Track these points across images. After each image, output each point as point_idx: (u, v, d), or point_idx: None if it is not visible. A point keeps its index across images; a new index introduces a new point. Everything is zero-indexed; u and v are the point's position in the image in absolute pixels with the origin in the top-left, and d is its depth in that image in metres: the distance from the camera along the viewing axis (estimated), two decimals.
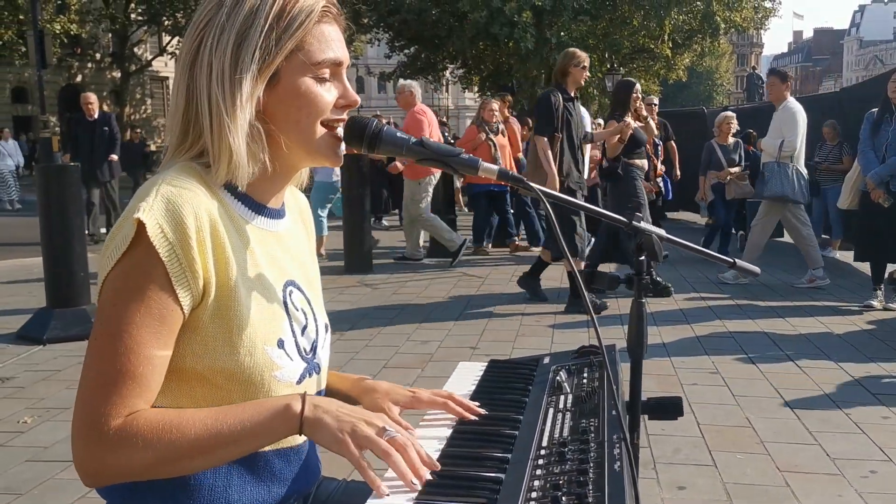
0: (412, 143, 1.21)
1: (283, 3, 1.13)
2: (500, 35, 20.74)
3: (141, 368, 1.04)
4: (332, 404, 1.11)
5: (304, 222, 1.41)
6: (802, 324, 5.77)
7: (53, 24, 27.32)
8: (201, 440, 1.05)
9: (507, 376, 1.57)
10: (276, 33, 1.12)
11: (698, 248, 1.50)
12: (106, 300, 1.06)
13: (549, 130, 6.04)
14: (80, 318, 5.49)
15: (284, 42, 1.13)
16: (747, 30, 28.65)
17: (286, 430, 1.09)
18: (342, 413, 1.10)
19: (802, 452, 3.38)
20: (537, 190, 1.22)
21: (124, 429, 1.03)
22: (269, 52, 1.12)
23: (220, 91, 1.11)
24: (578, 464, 1.08)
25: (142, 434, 1.03)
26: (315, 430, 1.08)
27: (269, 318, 1.16)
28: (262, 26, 1.11)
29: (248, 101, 1.12)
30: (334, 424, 1.08)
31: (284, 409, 1.09)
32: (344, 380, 1.46)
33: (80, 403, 1.05)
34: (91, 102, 10.39)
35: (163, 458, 1.04)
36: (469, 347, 5.14)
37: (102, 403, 1.03)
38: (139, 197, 1.07)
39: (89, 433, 1.03)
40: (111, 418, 1.03)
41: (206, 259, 1.07)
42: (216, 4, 1.14)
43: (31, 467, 3.29)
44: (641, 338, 1.46)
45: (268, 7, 1.12)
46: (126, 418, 1.04)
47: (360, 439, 1.07)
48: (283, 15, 1.13)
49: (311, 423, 1.08)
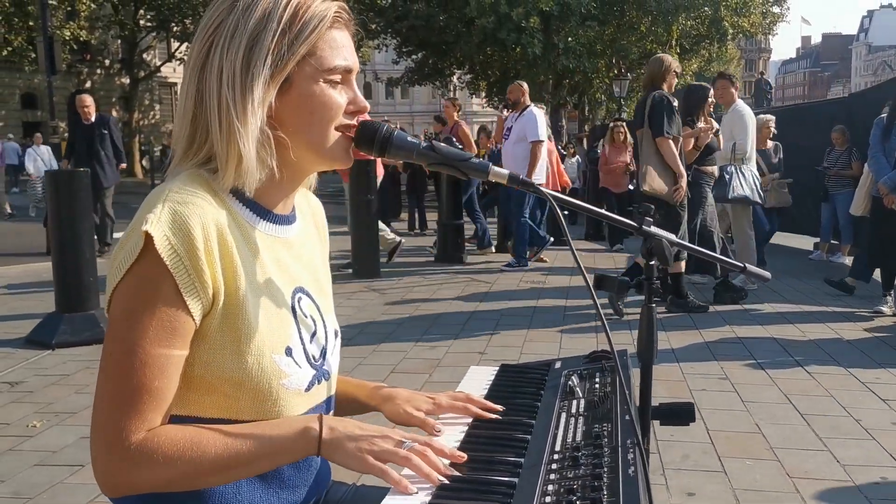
0: (422, 148, 1.21)
1: (296, 7, 1.13)
2: (507, 41, 20.80)
3: (157, 382, 1.05)
4: (349, 424, 1.12)
5: (318, 227, 1.40)
6: (812, 329, 5.75)
7: (63, 31, 27.49)
8: (221, 459, 1.06)
9: (519, 381, 1.56)
10: (288, 38, 1.11)
11: (706, 251, 1.50)
12: (117, 314, 1.06)
13: (674, 131, 6.19)
14: (89, 322, 5.50)
15: (297, 47, 1.12)
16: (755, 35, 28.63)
17: (304, 451, 1.11)
18: (358, 432, 1.11)
19: (812, 459, 3.36)
20: (547, 194, 1.22)
21: (146, 444, 1.04)
22: (282, 58, 1.11)
23: (231, 94, 1.10)
24: (592, 468, 1.08)
25: (163, 451, 1.04)
26: (333, 452, 1.10)
27: (277, 325, 1.15)
28: (274, 30, 1.11)
29: (260, 107, 1.11)
30: (352, 444, 1.09)
31: (303, 431, 1.10)
32: (361, 388, 1.45)
33: (98, 419, 1.05)
34: (87, 105, 9.76)
35: (183, 474, 1.05)
36: (477, 353, 5.13)
37: (122, 419, 1.03)
38: (146, 208, 1.06)
39: (111, 449, 1.04)
40: (132, 434, 1.03)
41: (214, 268, 1.07)
42: (227, 7, 1.13)
43: (40, 471, 3.30)
44: (652, 343, 1.46)
45: (280, 11, 1.12)
46: (147, 434, 1.04)
47: (380, 454, 1.09)
48: (296, 20, 1.12)
49: (329, 444, 1.10)
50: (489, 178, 1.21)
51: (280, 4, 1.12)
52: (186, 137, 1.15)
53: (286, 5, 1.12)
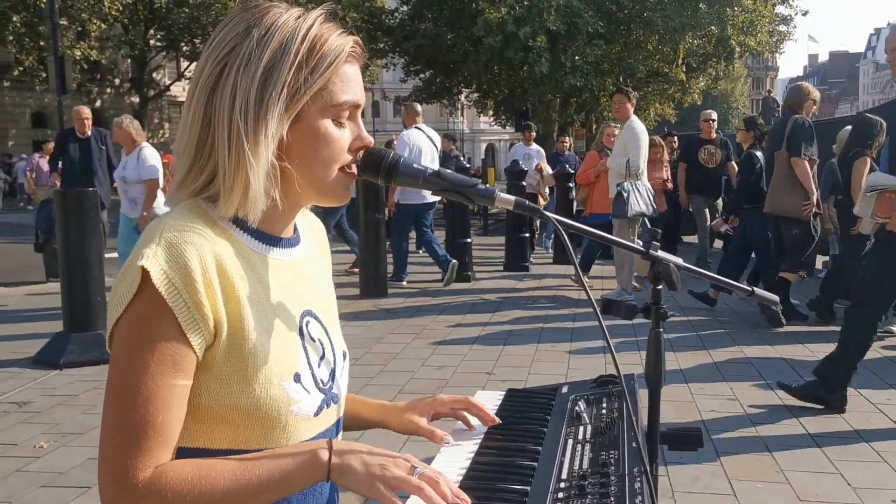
0: (428, 174, 1.21)
1: (314, 41, 1.11)
2: (514, 59, 20.86)
3: (161, 418, 1.04)
4: (359, 449, 1.11)
5: (320, 245, 1.39)
6: (821, 349, 5.69)
7: (74, 51, 27.73)
8: (230, 492, 1.05)
9: (525, 406, 1.55)
10: (304, 72, 1.10)
11: (715, 276, 1.49)
12: (118, 350, 1.05)
13: (810, 153, 6.47)
14: (96, 342, 5.52)
15: (312, 82, 1.11)
16: (762, 54, 28.63)
17: (314, 478, 1.09)
18: (369, 458, 1.09)
19: (823, 481, 3.33)
20: (552, 218, 1.22)
21: (153, 482, 1.03)
22: (298, 91, 1.10)
23: (244, 124, 1.08)
24: (599, 498, 1.06)
25: (172, 487, 1.03)
26: (343, 477, 1.08)
27: (284, 352, 1.15)
28: (291, 62, 1.09)
29: (273, 140, 1.10)
30: (363, 469, 1.08)
31: (311, 456, 1.09)
32: (367, 406, 1.47)
33: (105, 456, 1.04)
34: (86, 117, 9.12)
35: None
36: (485, 373, 5.12)
37: (128, 457, 1.03)
38: (143, 243, 1.06)
39: (118, 487, 1.03)
40: (139, 471, 1.03)
41: (214, 300, 1.06)
42: (241, 32, 1.11)
43: (47, 493, 3.29)
44: (660, 367, 1.45)
45: (298, 43, 1.10)
46: (154, 470, 1.04)
47: (391, 480, 1.07)
48: (313, 53, 1.11)
49: (339, 469, 1.08)
50: (495, 205, 1.21)
51: (298, 36, 1.11)
52: (189, 158, 1.13)
53: (304, 38, 1.11)
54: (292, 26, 1.11)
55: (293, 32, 1.11)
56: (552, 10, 20.33)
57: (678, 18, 21.69)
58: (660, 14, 22.18)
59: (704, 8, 22.39)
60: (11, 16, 28.19)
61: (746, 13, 23.56)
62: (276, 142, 1.10)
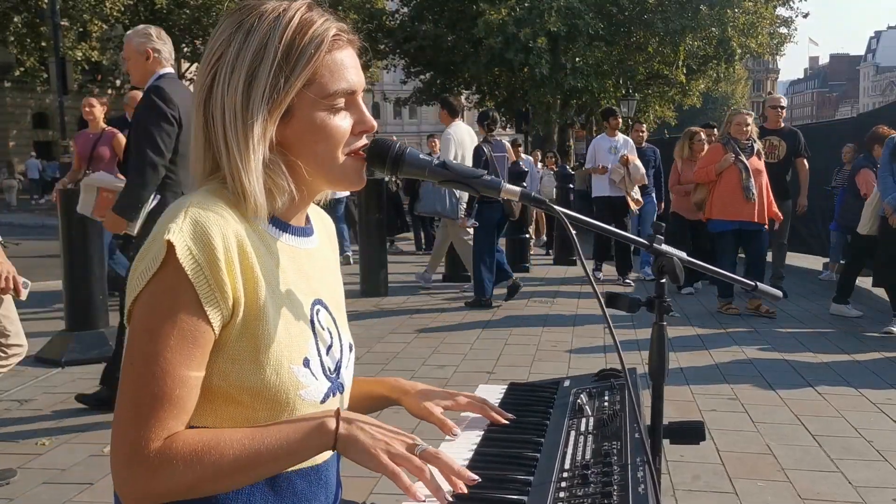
0: (435, 166, 1.22)
1: (293, 35, 1.12)
2: (515, 61, 20.90)
3: (177, 391, 1.05)
4: (367, 421, 1.13)
5: (331, 243, 1.41)
6: (823, 350, 5.71)
7: (75, 52, 27.72)
8: (240, 460, 1.06)
9: (528, 399, 1.56)
10: (285, 71, 1.11)
11: (719, 271, 1.50)
12: (138, 323, 1.07)
13: None
14: (98, 340, 5.52)
15: (293, 80, 1.12)
16: (763, 56, 28.67)
17: (321, 446, 1.10)
18: (375, 430, 1.11)
19: (824, 480, 3.33)
20: (559, 212, 1.22)
21: (164, 452, 1.04)
22: (279, 91, 1.11)
23: (234, 133, 1.11)
24: (602, 486, 1.07)
25: (181, 456, 1.04)
26: (349, 447, 1.10)
27: (295, 336, 1.16)
28: (271, 63, 1.11)
29: (260, 143, 1.12)
30: (368, 441, 1.09)
31: (319, 426, 1.10)
32: (380, 383, 1.49)
33: (118, 427, 1.06)
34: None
35: (203, 478, 1.05)
36: (485, 372, 5.12)
37: (141, 427, 1.04)
38: (168, 218, 1.08)
39: (130, 457, 1.04)
40: (151, 441, 1.04)
41: (234, 279, 1.08)
42: (227, 38, 1.14)
43: (49, 489, 3.29)
44: (663, 361, 1.45)
45: (277, 41, 1.11)
46: (165, 441, 1.05)
47: (395, 457, 1.08)
48: (293, 50, 1.12)
49: (346, 439, 1.10)
50: (501, 196, 1.22)
51: (276, 34, 1.12)
52: (200, 160, 1.18)
53: (282, 34, 1.12)
54: (271, 27, 1.13)
55: (271, 33, 1.12)
56: (553, 12, 20.38)
57: (679, 20, 21.74)
58: (660, 16, 22.24)
59: (705, 10, 22.41)
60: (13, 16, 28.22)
61: (747, 15, 23.59)
62: (265, 144, 1.13)
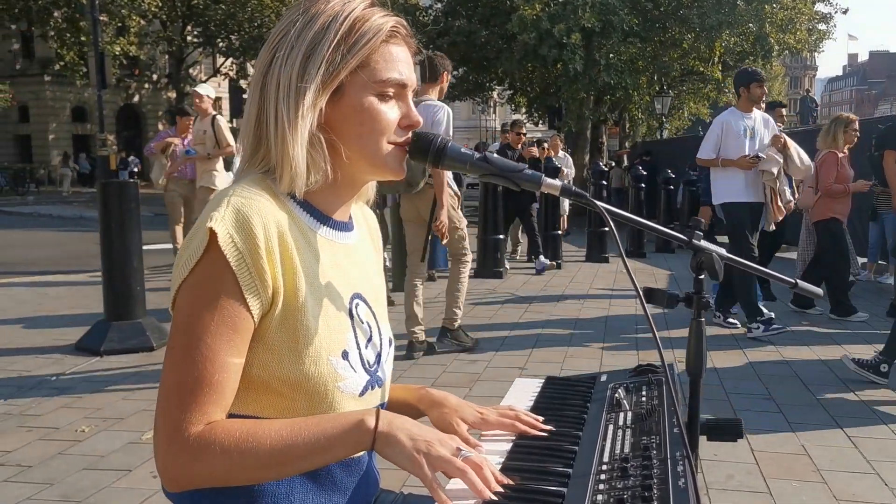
0: (476, 159, 1.23)
1: (354, 21, 1.17)
2: (548, 57, 20.75)
3: (217, 376, 1.07)
4: (407, 422, 1.12)
5: (373, 239, 1.43)
6: (859, 350, 5.62)
7: (114, 46, 28.13)
8: (276, 452, 1.07)
9: (565, 393, 1.56)
10: (343, 49, 1.15)
11: (759, 268, 1.49)
12: (181, 309, 1.09)
13: None
14: (136, 330, 5.62)
15: (350, 57, 1.16)
16: (801, 52, 28.21)
17: (359, 445, 1.10)
18: (416, 432, 1.11)
19: (859, 481, 3.29)
20: (601, 207, 1.22)
21: (204, 437, 1.06)
22: (335, 66, 1.15)
23: (286, 102, 1.14)
24: (642, 479, 1.07)
25: (220, 442, 1.06)
26: (388, 447, 1.09)
27: (335, 328, 1.18)
28: (330, 41, 1.15)
29: (310, 111, 1.15)
30: (409, 443, 1.09)
31: (358, 423, 1.10)
32: (409, 391, 1.46)
33: (160, 411, 1.08)
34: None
35: (240, 466, 1.07)
36: (518, 368, 5.12)
37: (182, 411, 1.06)
38: (212, 207, 1.10)
39: (171, 440, 1.06)
40: (191, 426, 1.06)
41: (274, 268, 1.10)
42: (291, 21, 1.18)
43: (88, 475, 3.36)
44: (701, 357, 1.45)
45: (338, 24, 1.16)
46: (205, 426, 1.07)
47: (435, 460, 1.08)
48: (352, 32, 1.16)
49: (385, 439, 1.09)
50: (542, 190, 1.22)
51: (339, 18, 1.16)
52: (252, 142, 1.20)
53: (345, 18, 1.16)
54: (336, 11, 1.17)
55: (336, 15, 1.16)
56: (587, 8, 20.19)
57: (715, 16, 21.39)
58: (696, 11, 21.91)
59: (742, 5, 22.05)
60: (53, 11, 28.73)
61: (785, 11, 23.19)
62: (314, 114, 1.15)
